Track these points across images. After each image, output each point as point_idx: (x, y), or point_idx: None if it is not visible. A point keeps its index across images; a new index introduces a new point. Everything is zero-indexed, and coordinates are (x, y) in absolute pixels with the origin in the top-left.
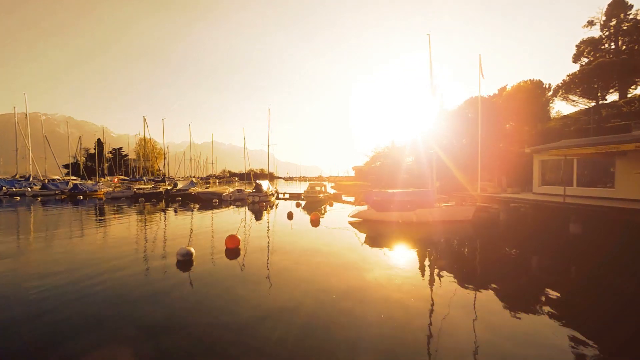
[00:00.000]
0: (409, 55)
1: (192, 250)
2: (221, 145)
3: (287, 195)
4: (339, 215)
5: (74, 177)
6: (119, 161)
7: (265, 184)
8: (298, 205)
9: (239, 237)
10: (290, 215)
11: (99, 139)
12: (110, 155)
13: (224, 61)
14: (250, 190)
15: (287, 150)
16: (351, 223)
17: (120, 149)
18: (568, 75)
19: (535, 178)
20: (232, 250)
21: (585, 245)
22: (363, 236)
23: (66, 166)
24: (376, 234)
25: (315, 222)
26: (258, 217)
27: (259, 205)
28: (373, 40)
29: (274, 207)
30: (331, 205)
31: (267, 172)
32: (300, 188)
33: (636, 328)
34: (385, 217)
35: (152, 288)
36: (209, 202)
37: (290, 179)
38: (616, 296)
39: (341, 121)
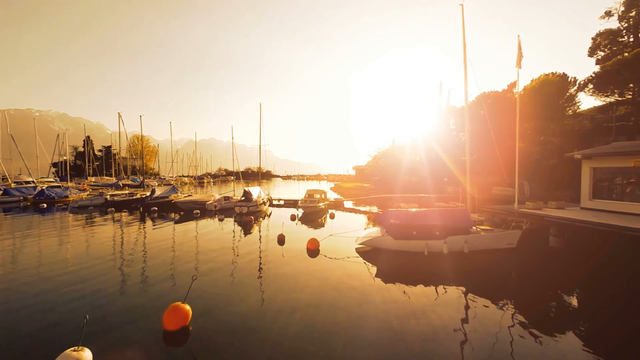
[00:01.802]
0: (412, 52)
1: (88, 356)
2: (219, 142)
3: (282, 202)
4: (344, 242)
5: (50, 180)
6: (108, 160)
7: (256, 191)
8: (293, 217)
9: (188, 308)
10: (281, 239)
11: (87, 137)
12: (100, 153)
13: (223, 58)
14: (238, 199)
15: (286, 148)
16: (360, 251)
17: (110, 147)
18: (602, 68)
19: (585, 189)
20: (175, 334)
21: None
22: (375, 270)
23: (55, 165)
24: (392, 268)
25: (313, 252)
26: (241, 237)
27: (246, 218)
28: (376, 35)
29: (265, 217)
30: (332, 217)
31: (262, 171)
32: (298, 189)
33: None
34: (405, 247)
35: None
36: (189, 212)
37: (288, 177)
38: None
39: (340, 119)
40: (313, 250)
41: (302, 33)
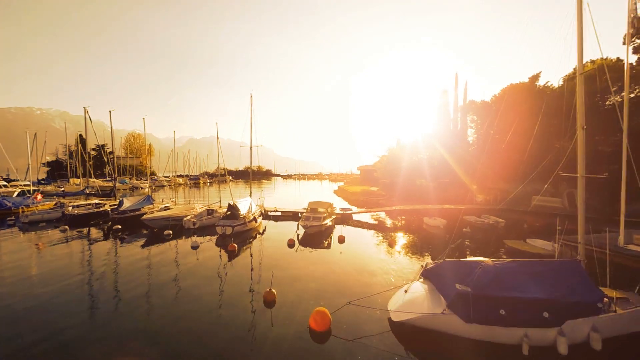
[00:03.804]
0: (415, 48)
1: None
2: (219, 140)
3: (278, 213)
4: (370, 312)
5: (26, 183)
6: (102, 159)
7: (244, 204)
8: (291, 243)
9: None
10: (269, 299)
11: (80, 135)
12: (94, 152)
13: (222, 55)
14: (223, 212)
15: (287, 146)
16: (396, 327)
17: (104, 145)
18: None
19: None
20: None
21: None
22: None
23: (46, 164)
24: None
25: (320, 335)
26: (216, 282)
27: (229, 245)
28: (377, 32)
29: (257, 236)
30: (342, 240)
31: (263, 170)
32: (299, 190)
33: None
34: (486, 336)
35: None
36: (161, 231)
37: (289, 176)
38: None
39: (343, 117)
40: (321, 332)
41: (302, 29)
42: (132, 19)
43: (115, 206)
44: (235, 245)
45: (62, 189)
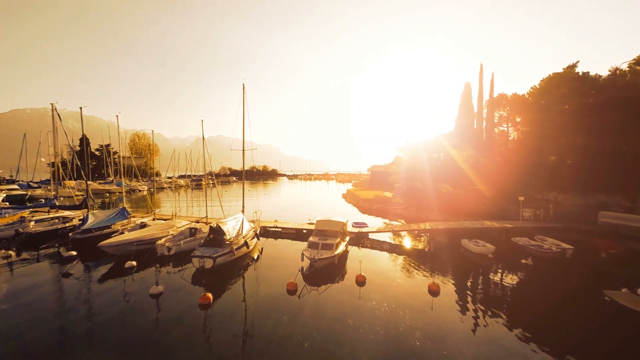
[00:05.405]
0: (420, 45)
1: None
2: (226, 139)
3: (279, 229)
4: None
5: (15, 187)
6: (106, 160)
7: (233, 224)
8: (292, 289)
9: None
10: None
11: (84, 135)
12: (97, 153)
13: (227, 54)
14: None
15: (293, 145)
16: None
17: (108, 145)
18: None
19: None
20: None
21: None
22: None
23: (51, 165)
24: None
25: None
26: None
27: (202, 297)
28: (379, 30)
29: (248, 268)
30: (361, 281)
31: (268, 169)
32: (305, 193)
33: None
34: None
35: None
36: (125, 261)
37: (295, 176)
38: None
39: (344, 115)
40: None
41: (304, 27)
42: (136, 19)
43: (80, 223)
44: (210, 296)
45: (54, 193)
